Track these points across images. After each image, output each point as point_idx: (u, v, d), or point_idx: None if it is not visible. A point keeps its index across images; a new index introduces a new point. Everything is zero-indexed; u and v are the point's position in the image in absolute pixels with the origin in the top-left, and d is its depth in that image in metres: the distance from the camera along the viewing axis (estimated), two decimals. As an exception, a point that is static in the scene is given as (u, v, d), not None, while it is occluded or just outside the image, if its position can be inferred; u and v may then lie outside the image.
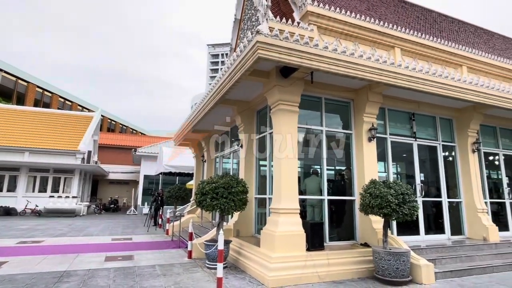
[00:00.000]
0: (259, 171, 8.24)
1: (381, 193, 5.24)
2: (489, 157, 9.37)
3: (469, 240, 7.54)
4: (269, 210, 6.19)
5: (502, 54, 13.52)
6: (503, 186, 9.17)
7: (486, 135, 9.27)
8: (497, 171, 9.46)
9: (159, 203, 13.87)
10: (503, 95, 7.65)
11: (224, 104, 7.89)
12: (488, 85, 7.44)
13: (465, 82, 7.12)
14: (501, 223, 8.85)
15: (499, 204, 9.11)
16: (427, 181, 8.47)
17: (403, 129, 7.94)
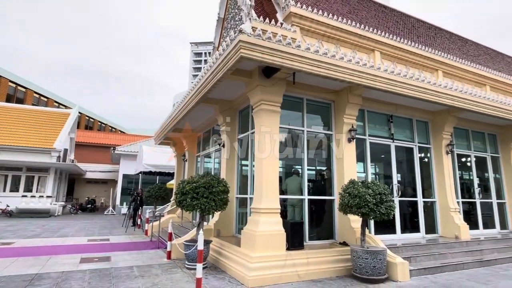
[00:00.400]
0: (241, 171, 8.22)
1: (360, 193, 5.35)
2: (461, 159, 9.77)
3: (442, 239, 7.83)
4: (250, 210, 6.18)
5: (475, 60, 14.13)
6: (474, 187, 9.60)
7: (459, 137, 9.66)
8: (468, 172, 9.88)
9: (138, 203, 13.61)
10: (475, 100, 7.99)
11: (206, 103, 7.82)
12: (461, 90, 7.76)
13: (440, 86, 7.38)
14: (472, 221, 9.25)
15: (470, 203, 9.52)
16: (404, 181, 8.73)
17: (381, 130, 8.15)
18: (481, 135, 10.23)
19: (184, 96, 8.49)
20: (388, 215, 5.38)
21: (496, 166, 10.32)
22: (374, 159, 8.30)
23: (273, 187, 5.85)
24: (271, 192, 5.80)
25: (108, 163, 28.16)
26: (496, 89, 13.43)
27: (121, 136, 34.50)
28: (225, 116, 8.02)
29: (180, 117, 9.13)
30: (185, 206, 5.93)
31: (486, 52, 16.14)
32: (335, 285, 5.07)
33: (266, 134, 5.97)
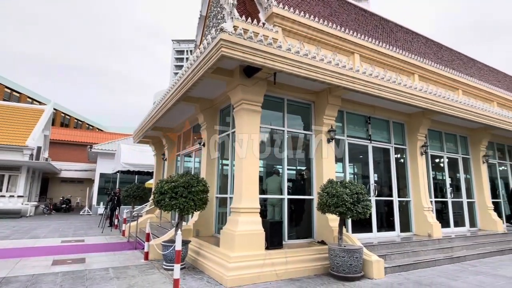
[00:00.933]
0: (222, 170, 8.17)
1: (338, 193, 5.44)
2: (435, 160, 10.15)
3: (416, 237, 8.10)
4: (230, 210, 6.16)
5: (449, 65, 14.73)
6: (446, 186, 10.00)
7: (433, 139, 10.03)
8: (441, 173, 10.28)
9: (115, 203, 13.31)
10: (448, 103, 8.33)
11: (187, 101, 7.72)
12: (436, 93, 8.05)
13: (416, 89, 7.64)
14: (444, 220, 9.64)
15: (442, 202, 9.91)
16: (381, 181, 8.97)
17: (359, 131, 8.33)
18: (453, 137, 10.67)
19: (164, 94, 8.35)
20: (364, 214, 5.50)
21: (467, 167, 10.80)
22: (352, 159, 8.48)
23: (253, 187, 5.85)
24: (251, 192, 5.80)
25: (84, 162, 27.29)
26: (468, 93, 14.06)
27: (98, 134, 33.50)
28: (206, 115, 7.94)
29: (160, 115, 8.97)
30: (163, 206, 5.83)
31: (460, 58, 16.87)
32: (312, 284, 5.14)
33: (247, 133, 5.96)
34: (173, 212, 10.11)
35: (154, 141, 13.30)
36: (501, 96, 15.40)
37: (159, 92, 39.05)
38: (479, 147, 10.70)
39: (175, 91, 7.30)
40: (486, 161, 10.68)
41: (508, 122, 10.04)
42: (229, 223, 5.81)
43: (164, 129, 11.52)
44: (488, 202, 10.35)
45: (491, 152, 11.69)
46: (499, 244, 8.78)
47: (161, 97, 8.70)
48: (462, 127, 10.58)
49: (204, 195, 6.19)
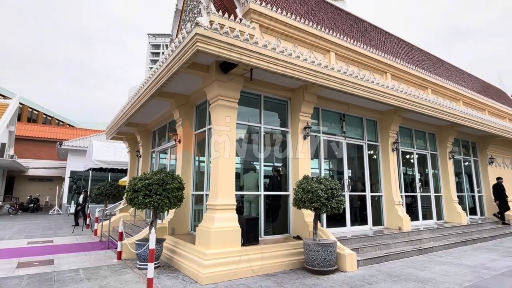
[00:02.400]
0: (198, 167, 8.08)
1: (312, 188, 5.53)
2: (405, 156, 10.56)
3: (387, 230, 8.41)
4: (206, 207, 6.11)
5: (419, 64, 15.33)
6: (416, 181, 10.44)
7: (403, 136, 10.42)
8: (411, 168, 10.73)
9: (83, 202, 13.00)
10: (419, 101, 8.67)
11: (162, 97, 7.56)
12: (406, 92, 8.36)
13: (388, 87, 7.88)
14: (413, 213, 10.07)
15: (412, 197, 10.34)
16: (354, 177, 9.21)
17: (334, 128, 8.51)
18: (423, 134, 11.14)
19: (138, 89, 8.11)
20: (338, 209, 5.63)
21: (435, 162, 11.32)
22: (327, 156, 8.65)
23: (229, 183, 5.83)
24: (227, 189, 5.78)
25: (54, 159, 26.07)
26: (437, 92, 14.71)
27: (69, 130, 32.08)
28: (182, 111, 7.81)
29: (134, 111, 8.71)
30: (137, 204, 5.68)
31: (429, 58, 17.60)
32: (288, 278, 5.20)
33: (223, 130, 5.92)
34: (147, 210, 9.90)
35: (128, 137, 12.93)
36: (467, 95, 16.25)
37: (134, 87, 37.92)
38: (446, 143, 11.24)
39: (149, 86, 7.11)
40: (452, 157, 11.24)
41: (472, 120, 10.61)
42: (205, 220, 5.76)
43: (139, 125, 11.22)
44: (454, 196, 10.92)
45: (456, 148, 12.34)
46: (462, 235, 9.30)
47: (135, 92, 8.46)
48: (431, 125, 11.06)
49: (180, 193, 6.10)
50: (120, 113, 10.29)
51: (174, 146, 8.86)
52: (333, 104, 8.27)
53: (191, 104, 7.98)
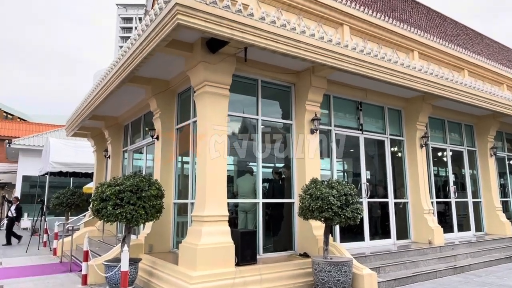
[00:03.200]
0: (181, 170, 8.09)
1: (322, 194, 5.56)
2: (437, 153, 10.63)
3: (415, 244, 8.49)
4: (191, 218, 6.13)
5: (453, 40, 15.40)
6: (450, 184, 10.52)
7: (434, 128, 10.49)
8: (445, 168, 10.81)
9: (13, 215, 13.32)
10: (452, 85, 8.71)
11: (135, 83, 7.55)
12: (438, 74, 8.39)
13: (415, 69, 7.91)
14: (447, 224, 10.17)
15: (445, 203, 10.43)
16: (374, 179, 9.28)
17: (349, 120, 8.54)
18: (458, 126, 11.21)
19: (105, 73, 8.09)
20: (354, 219, 5.67)
21: (473, 161, 11.41)
22: (341, 154, 8.69)
23: (220, 190, 5.84)
24: (217, 196, 5.80)
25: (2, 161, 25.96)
26: (475, 74, 14.79)
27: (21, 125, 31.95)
28: (160, 101, 7.81)
29: (100, 100, 8.70)
30: (106, 216, 5.69)
31: (466, 32, 17.66)
32: (293, 305, 5.24)
33: (212, 123, 5.93)
34: (118, 224, 9.90)
35: (94, 133, 12.91)
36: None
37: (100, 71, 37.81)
38: (486, 137, 11.31)
39: (119, 70, 7.10)
40: (494, 153, 11.33)
41: (518, 109, 10.68)
42: (190, 235, 5.77)
43: (107, 119, 11.20)
44: (496, 202, 11.02)
45: (500, 143, 12.41)
46: (507, 250, 9.40)
47: (101, 77, 8.43)
48: (468, 115, 11.12)
49: (158, 201, 6.11)
50: (84, 103, 10.26)
51: (151, 143, 8.86)
52: (348, 90, 8.29)
53: (172, 91, 7.98)
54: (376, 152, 9.31)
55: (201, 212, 5.70)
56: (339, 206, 5.53)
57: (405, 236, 9.00)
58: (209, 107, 5.96)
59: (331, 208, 5.50)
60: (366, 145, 8.67)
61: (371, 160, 9.25)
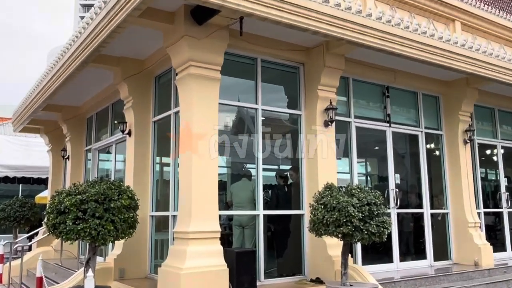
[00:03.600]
0: (160, 174, 8.09)
1: (340, 204, 5.57)
2: (485, 151, 10.65)
3: (457, 266, 8.54)
4: (174, 235, 6.14)
5: (506, 7, 15.37)
6: (501, 191, 10.52)
7: (482, 119, 10.50)
8: (495, 170, 10.83)
9: None
10: (505, 65, 8.68)
11: (100, 63, 7.55)
12: (485, 50, 8.38)
13: (456, 44, 7.91)
14: (497, 240, 10.19)
15: (495, 215, 10.45)
16: (405, 185, 9.31)
17: (373, 109, 8.56)
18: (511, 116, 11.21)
19: (62, 52, 8.08)
20: (380, 235, 5.68)
21: (530, 160, 11.42)
22: (363, 153, 8.72)
23: (209, 199, 5.86)
24: (206, 207, 5.81)
25: None
26: (532, 50, 14.77)
27: (-46, 118, 31.94)
28: (132, 86, 7.81)
29: (56, 86, 8.69)
30: (64, 233, 5.69)
31: (521, -3, 17.63)
32: None
33: (199, 114, 5.93)
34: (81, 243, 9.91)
35: (48, 128, 12.90)
36: None
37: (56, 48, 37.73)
38: (547, 131, 11.32)
39: (80, 48, 7.08)
40: (557, 151, 11.34)
41: None
42: (171, 256, 5.80)
43: (65, 109, 11.19)
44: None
45: None
46: None
47: (56, 57, 8.43)
48: (524, 102, 11.12)
49: (131, 214, 6.12)
50: (35, 90, 10.25)
51: (121, 141, 8.86)
52: (371, 71, 8.30)
53: (147, 74, 7.99)
54: (407, 150, 9.34)
55: (185, 227, 5.71)
56: (361, 219, 5.54)
57: (445, 256, 9.03)
58: (195, 94, 5.96)
59: (350, 221, 5.51)
60: (394, 141, 8.67)
61: (401, 161, 9.28)
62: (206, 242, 5.69)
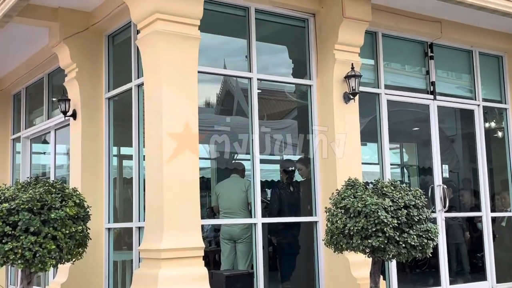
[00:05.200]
0: (119, 171, 8.10)
1: (367, 207, 5.58)
2: None
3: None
4: (140, 255, 6.17)
5: None
6: None
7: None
8: None
9: None
10: None
11: (29, 17, 7.50)
12: None
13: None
14: None
15: None
16: (456, 179, 9.34)
17: (411, 76, 8.56)
18: None
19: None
20: (423, 249, 5.69)
21: None
22: (397, 136, 8.71)
23: (188, 203, 5.86)
24: (184, 214, 5.81)
25: None
26: None
27: None
28: (75, 49, 7.77)
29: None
30: (-13, 255, 5.71)
31: None
32: None
33: (170, 87, 5.92)
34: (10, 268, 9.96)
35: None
36: None
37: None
38: None
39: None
40: None
41: None
42: (137, 283, 5.84)
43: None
44: None
45: None
46: None
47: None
48: None
49: (80, 227, 6.12)
50: None
51: (63, 126, 8.84)
52: (408, 23, 8.28)
53: (97, 32, 7.96)
54: (458, 131, 9.35)
55: (156, 243, 5.72)
56: (397, 227, 5.57)
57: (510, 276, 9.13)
58: (164, 60, 5.93)
59: (382, 230, 5.54)
60: (441, 120, 8.66)
61: (450, 146, 9.30)
62: (185, 263, 5.71)
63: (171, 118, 5.92)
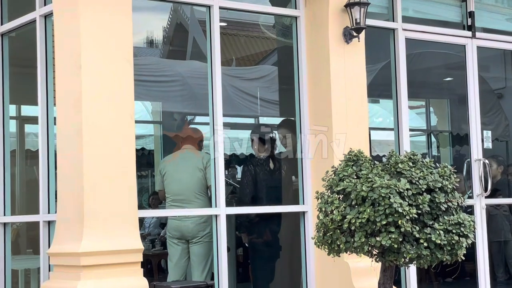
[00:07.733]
0: (19, 140, 8.06)
1: (375, 191, 5.61)
2: None
3: None
4: (50, 262, 6.18)
5: None
6: None
7: None
8: None
9: None
10: None
11: None
12: None
13: None
14: None
15: None
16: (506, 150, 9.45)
17: (439, 3, 8.58)
18: None
19: None
20: (454, 249, 5.76)
21: None
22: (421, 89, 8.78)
23: (119, 186, 5.89)
24: (113, 203, 5.83)
25: None
26: None
27: None
28: None
29: None
30: None
31: None
32: None
33: (92, 20, 5.87)
34: None
35: None
36: None
37: None
38: None
39: None
40: None
41: None
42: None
43: None
44: None
45: None
46: None
47: None
48: None
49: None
50: None
51: None
52: None
53: None
54: (508, 84, 9.44)
55: (73, 244, 5.72)
56: (416, 219, 5.61)
57: None
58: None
59: (395, 224, 5.58)
60: (482, 66, 8.71)
61: (495, 104, 9.39)
62: (116, 272, 5.75)
63: (93, 63, 5.87)
